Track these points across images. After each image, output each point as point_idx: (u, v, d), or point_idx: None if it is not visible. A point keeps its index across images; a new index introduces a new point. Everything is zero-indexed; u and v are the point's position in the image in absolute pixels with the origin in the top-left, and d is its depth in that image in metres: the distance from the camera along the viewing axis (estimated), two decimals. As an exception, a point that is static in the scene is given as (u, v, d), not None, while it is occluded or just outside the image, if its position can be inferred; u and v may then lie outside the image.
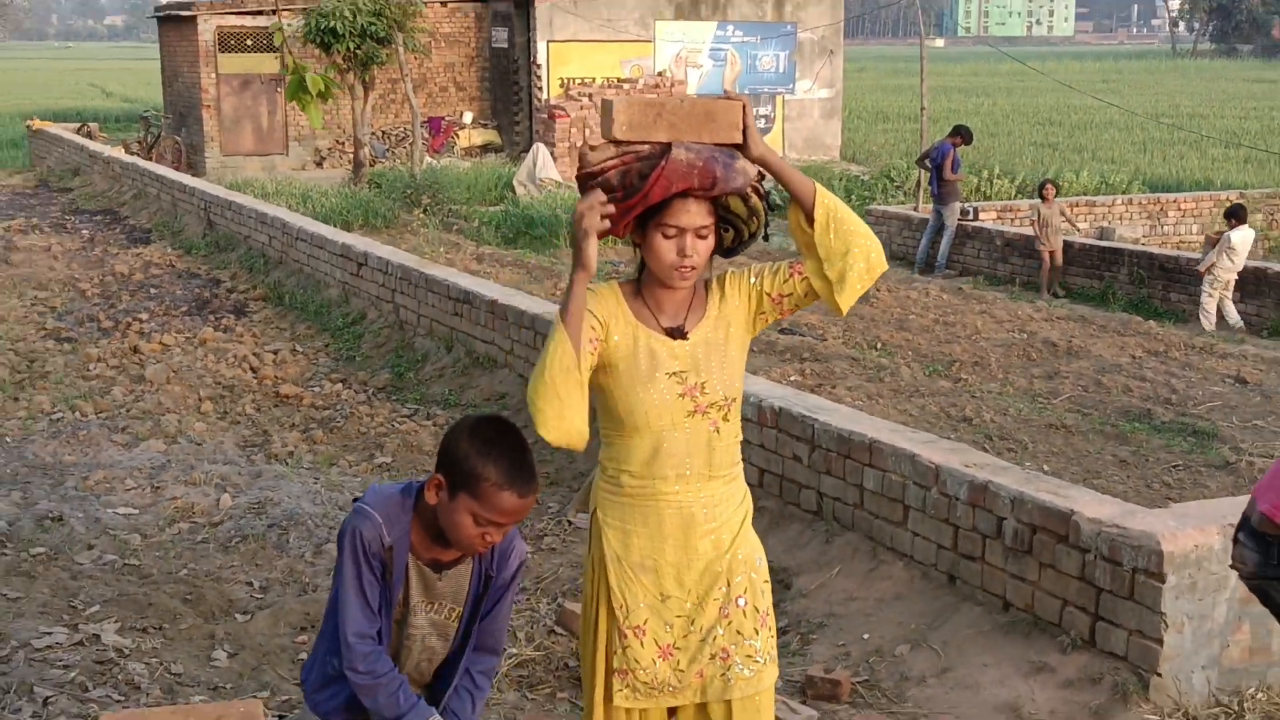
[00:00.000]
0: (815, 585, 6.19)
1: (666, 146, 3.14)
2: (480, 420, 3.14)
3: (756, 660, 3.43)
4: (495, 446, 3.02)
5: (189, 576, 6.57)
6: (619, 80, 27.06)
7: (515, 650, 5.72)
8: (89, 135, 29.00)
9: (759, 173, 3.27)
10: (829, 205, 3.27)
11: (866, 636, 5.73)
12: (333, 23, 22.06)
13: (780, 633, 5.90)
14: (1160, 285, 14.72)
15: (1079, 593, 5.15)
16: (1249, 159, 27.83)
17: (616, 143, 3.18)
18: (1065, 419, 9.36)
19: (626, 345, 3.28)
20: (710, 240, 3.24)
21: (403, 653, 3.22)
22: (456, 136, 28.57)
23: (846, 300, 3.30)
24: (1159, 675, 4.86)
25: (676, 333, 3.31)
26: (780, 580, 6.31)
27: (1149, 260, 15.10)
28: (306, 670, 3.28)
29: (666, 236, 3.20)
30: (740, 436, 3.45)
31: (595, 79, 27.11)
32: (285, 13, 24.96)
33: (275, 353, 11.54)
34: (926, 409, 9.46)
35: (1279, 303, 13.81)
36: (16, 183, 26.23)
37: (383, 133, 28.29)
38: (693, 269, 3.23)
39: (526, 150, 24.61)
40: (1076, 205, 18.46)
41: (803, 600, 6.14)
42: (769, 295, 3.37)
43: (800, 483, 6.68)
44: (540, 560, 6.88)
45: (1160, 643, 4.84)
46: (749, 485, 3.54)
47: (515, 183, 22.18)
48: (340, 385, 10.53)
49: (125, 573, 6.60)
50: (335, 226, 15.52)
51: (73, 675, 5.28)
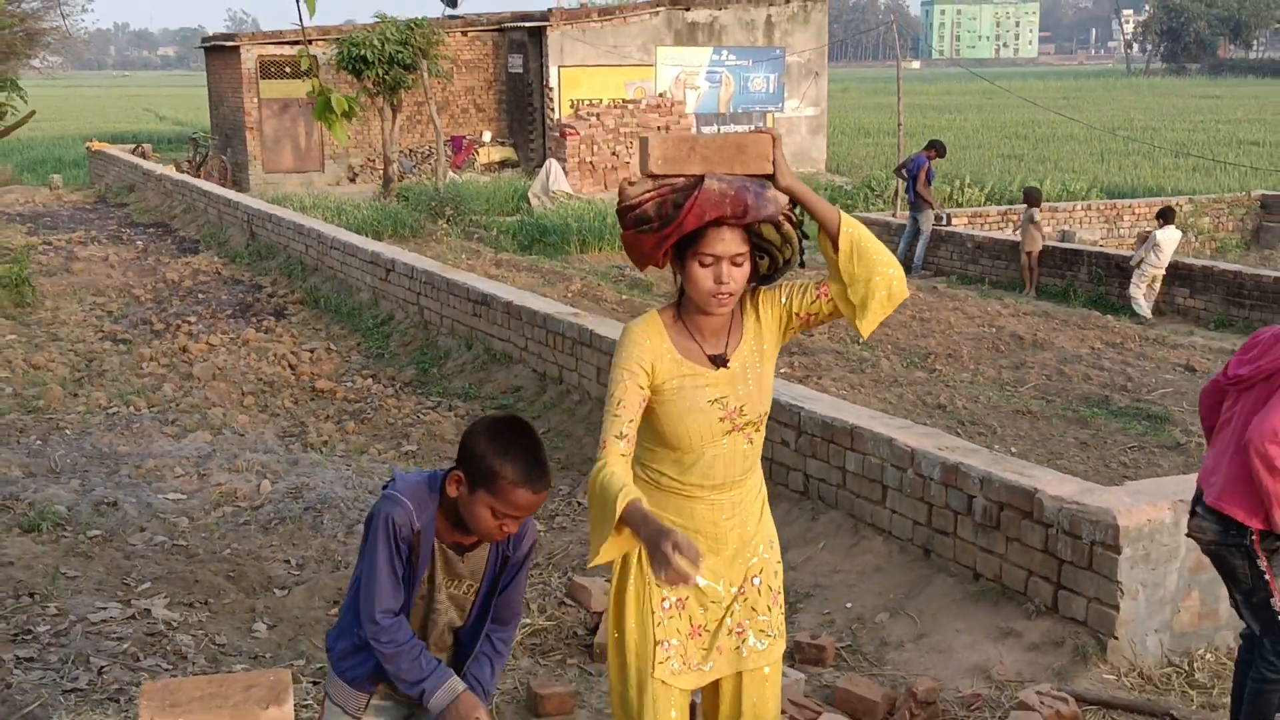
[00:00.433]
0: (802, 559, 6.16)
1: (700, 178, 3.04)
2: (497, 420, 3.09)
3: (768, 634, 3.38)
4: (511, 446, 2.98)
5: (232, 555, 6.56)
6: (624, 101, 27.00)
7: (529, 620, 5.70)
8: (143, 155, 28.99)
9: (790, 201, 3.14)
10: (853, 234, 3.15)
11: (849, 605, 5.71)
12: (363, 51, 22.06)
13: (770, 602, 5.89)
14: (1117, 283, 14.64)
15: (1042, 564, 5.12)
16: (1196, 167, 27.75)
17: (653, 177, 3.08)
18: (1030, 405, 9.32)
19: (673, 381, 3.18)
20: (746, 267, 3.11)
21: (429, 625, 3.21)
22: (477, 154, 28.53)
23: (868, 325, 3.19)
24: (1116, 639, 4.83)
25: (719, 360, 3.20)
26: (770, 554, 6.29)
27: (1106, 260, 15.02)
28: (332, 639, 3.26)
29: (703, 265, 3.08)
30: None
31: (602, 100, 27.06)
32: (320, 42, 24.94)
33: (311, 351, 11.52)
34: (904, 397, 9.42)
35: (1225, 297, 13.74)
36: (78, 199, 26.24)
37: (409, 150, 28.25)
38: (730, 295, 3.11)
39: (540, 165, 24.56)
40: (1040, 211, 18.29)
41: (790, 572, 6.09)
42: (797, 314, 3.26)
43: (788, 465, 6.65)
44: (552, 538, 6.86)
45: (1117, 609, 4.82)
46: None
47: (530, 195, 22.13)
48: (370, 380, 10.51)
49: (174, 552, 6.58)
50: (366, 236, 15.51)
51: (125, 646, 5.26)
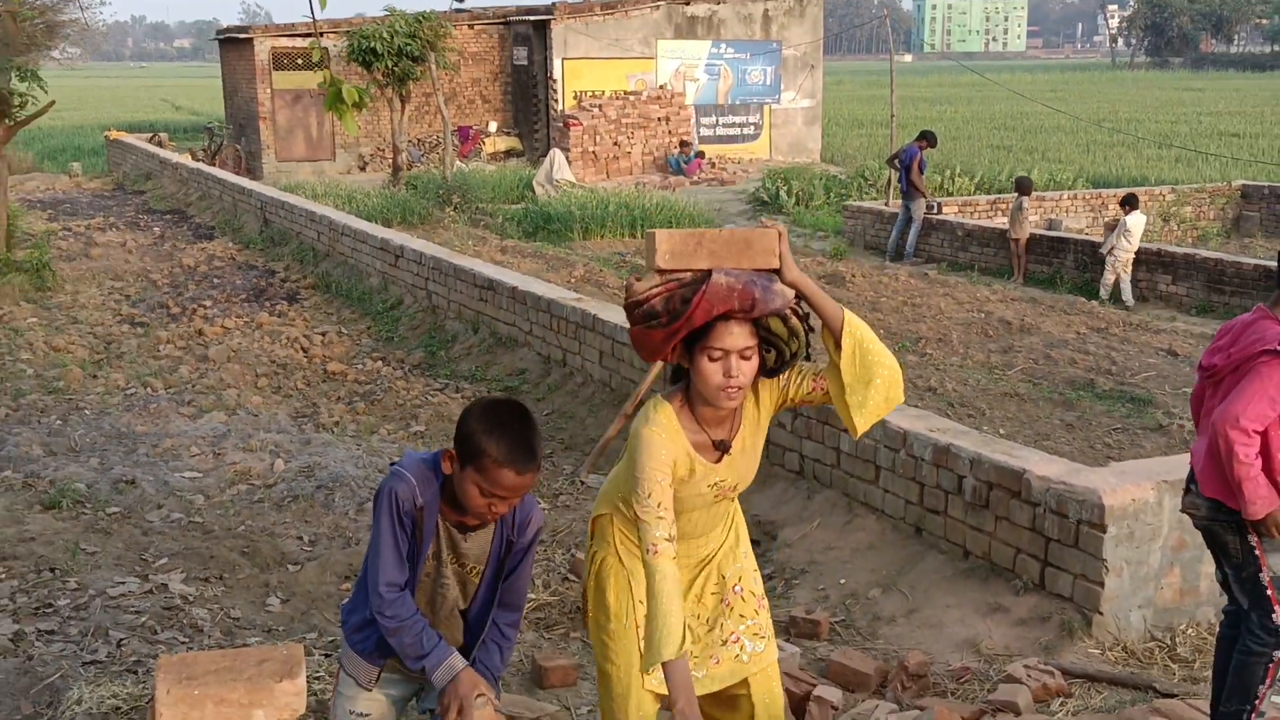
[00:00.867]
0: (798, 536, 6.15)
1: (707, 273, 2.97)
2: (492, 402, 3.06)
3: (761, 636, 3.37)
4: (500, 426, 2.95)
5: (246, 532, 6.55)
6: (625, 92, 26.92)
7: (534, 595, 5.69)
8: (159, 144, 28.92)
9: (796, 295, 3.06)
10: (857, 336, 3.09)
11: (843, 581, 5.70)
12: (373, 43, 21.96)
13: (766, 579, 5.87)
14: (1101, 270, 14.60)
15: (1030, 542, 5.11)
16: (1179, 158, 27.67)
17: (661, 271, 3.00)
18: (1018, 388, 9.31)
19: (684, 470, 3.15)
20: (754, 361, 3.04)
21: (437, 602, 3.19)
22: (483, 143, 28.46)
23: (863, 425, 3.13)
24: (1100, 614, 4.83)
25: (722, 445, 3.17)
26: (766, 532, 6.28)
27: (1092, 248, 14.97)
28: (346, 612, 3.25)
29: (712, 359, 2.99)
30: None
31: (604, 91, 26.99)
32: (330, 35, 24.84)
33: (323, 335, 11.50)
34: (896, 380, 9.39)
35: (1206, 284, 13.71)
36: (96, 186, 26.18)
37: (418, 140, 28.17)
38: (739, 389, 3.03)
39: (544, 155, 24.48)
40: (1030, 199, 18.23)
41: (786, 550, 6.11)
42: (793, 400, 3.24)
43: (784, 446, 6.64)
44: (556, 516, 6.85)
45: (1102, 585, 4.81)
46: None
47: (534, 184, 22.07)
48: (380, 363, 10.50)
49: (190, 529, 6.57)
50: (376, 223, 15.45)
51: (143, 620, 5.26)
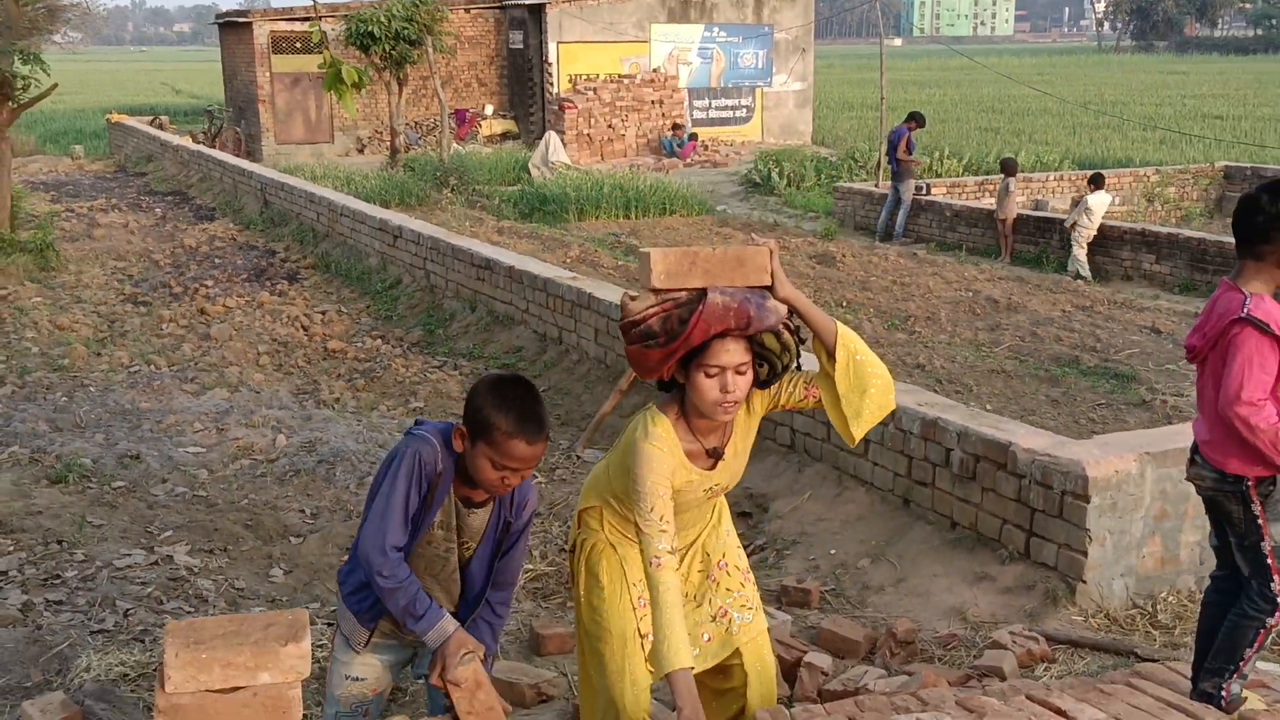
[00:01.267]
0: (789, 509, 6.18)
1: (702, 292, 2.97)
2: (498, 378, 3.07)
3: (749, 607, 3.39)
4: (508, 400, 2.96)
5: (250, 505, 6.57)
6: (620, 76, 26.82)
7: (531, 566, 5.72)
8: (160, 127, 28.79)
9: (789, 310, 3.08)
10: (850, 348, 3.10)
11: (833, 552, 5.73)
12: (370, 27, 21.86)
13: (759, 549, 5.92)
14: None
15: (1016, 512, 5.14)
16: (1164, 140, 27.65)
17: (656, 291, 3.00)
18: (1005, 365, 9.33)
19: (680, 483, 3.16)
20: (749, 375, 3.05)
21: (436, 567, 3.20)
22: (479, 126, 28.37)
23: (859, 432, 3.15)
24: (1084, 582, 4.86)
25: (715, 453, 3.19)
26: (759, 504, 6.31)
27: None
28: (344, 574, 3.26)
29: (709, 375, 3.01)
30: None
31: (599, 75, 26.89)
32: (328, 19, 24.72)
33: (323, 313, 11.50)
34: (885, 358, 9.34)
35: (1189, 263, 13.72)
36: (98, 168, 26.07)
37: (415, 123, 28.07)
38: (735, 403, 3.05)
39: (540, 137, 24.41)
40: (1016, 180, 18.21)
41: (778, 521, 6.13)
42: (783, 405, 3.25)
43: (776, 421, 6.66)
44: (552, 490, 6.88)
45: (1085, 554, 4.84)
46: None
47: (530, 166, 22.01)
48: (379, 341, 10.50)
49: (194, 502, 6.59)
50: (375, 204, 15.41)
51: (149, 590, 5.28)
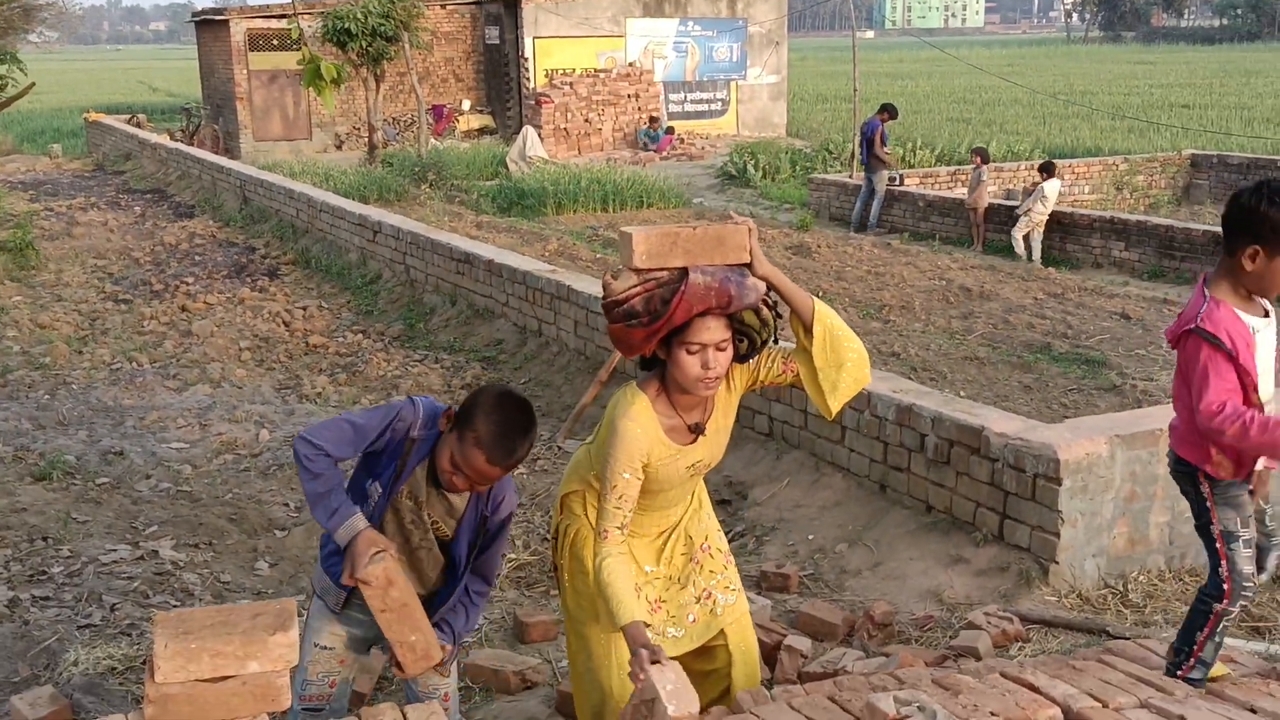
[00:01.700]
0: (768, 495, 6.21)
1: (683, 271, 2.99)
2: (509, 393, 3.06)
3: (732, 588, 3.42)
4: (497, 417, 2.96)
5: (234, 500, 6.55)
6: (596, 70, 26.78)
7: (514, 555, 5.73)
8: (138, 125, 28.57)
9: (767, 287, 3.10)
10: (827, 323, 3.13)
11: (811, 537, 5.76)
12: (347, 24, 21.77)
13: (738, 535, 5.94)
14: (1058, 238, 14.70)
15: (989, 496, 5.18)
16: (1132, 129, 27.80)
17: (637, 271, 3.01)
18: (978, 352, 9.39)
19: (661, 460, 3.18)
20: (729, 351, 3.08)
21: (407, 535, 3.21)
22: (457, 121, 28.27)
23: (836, 405, 3.18)
24: (1056, 563, 4.90)
25: (697, 429, 3.21)
26: (738, 491, 6.33)
27: (1049, 217, 15.05)
28: (325, 539, 3.26)
29: (690, 353, 3.03)
30: None
31: (575, 69, 26.86)
32: (305, 16, 24.58)
33: (304, 309, 11.46)
34: (861, 346, 9.44)
35: (1158, 250, 13.83)
36: (76, 167, 25.86)
37: (393, 119, 27.96)
38: (716, 379, 3.08)
39: (517, 132, 24.36)
40: (988, 169, 18.29)
41: (757, 508, 6.16)
42: (763, 381, 3.28)
43: (754, 409, 6.68)
44: (534, 480, 6.88)
45: (1057, 536, 4.88)
46: None
47: (508, 160, 21.96)
48: (360, 335, 10.47)
49: (179, 498, 6.57)
50: (354, 200, 15.35)
51: (135, 585, 5.27)
